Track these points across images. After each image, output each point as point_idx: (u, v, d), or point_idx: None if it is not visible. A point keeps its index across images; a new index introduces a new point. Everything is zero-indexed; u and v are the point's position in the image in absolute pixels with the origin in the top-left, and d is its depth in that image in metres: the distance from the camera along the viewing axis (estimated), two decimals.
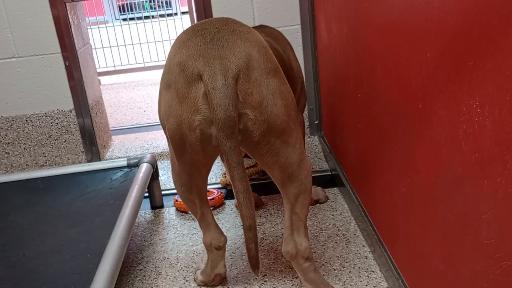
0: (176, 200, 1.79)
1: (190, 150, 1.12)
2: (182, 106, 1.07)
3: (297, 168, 1.14)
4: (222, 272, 1.34)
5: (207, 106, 1.05)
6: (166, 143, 2.35)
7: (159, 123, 2.80)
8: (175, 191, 1.93)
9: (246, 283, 1.33)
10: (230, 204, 1.78)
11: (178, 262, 1.47)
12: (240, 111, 1.04)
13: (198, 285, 1.36)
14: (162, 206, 1.83)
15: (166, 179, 2.05)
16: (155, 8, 5.59)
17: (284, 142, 1.11)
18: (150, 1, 6.02)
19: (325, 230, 1.54)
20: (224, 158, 1.10)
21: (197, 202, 1.27)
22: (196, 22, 1.89)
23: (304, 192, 1.18)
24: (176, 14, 5.04)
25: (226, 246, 1.51)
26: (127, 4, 5.39)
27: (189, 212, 1.75)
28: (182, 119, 1.07)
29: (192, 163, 1.15)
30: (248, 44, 1.08)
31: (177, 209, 1.79)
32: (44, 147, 2.23)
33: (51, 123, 2.21)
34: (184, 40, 1.10)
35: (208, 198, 1.76)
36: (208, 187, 1.88)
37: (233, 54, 1.05)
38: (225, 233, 1.59)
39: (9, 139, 2.22)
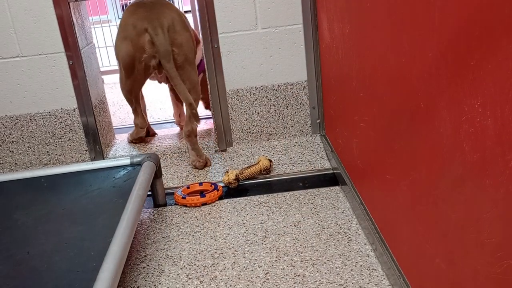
0: (178, 194, 1.81)
1: (135, 73, 2.03)
2: (135, 49, 1.96)
3: (197, 83, 2.07)
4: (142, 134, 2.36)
5: (151, 48, 1.94)
6: (169, 142, 2.37)
7: (162, 121, 2.82)
8: (178, 189, 1.93)
9: (249, 281, 1.34)
10: (232, 202, 1.79)
11: (181, 260, 1.47)
12: (171, 48, 1.94)
13: (129, 143, 2.41)
14: (165, 205, 1.84)
15: (170, 178, 2.05)
16: None
17: (192, 68, 2.03)
18: None
19: (327, 228, 1.55)
20: (168, 75, 1.96)
21: (133, 101, 2.18)
22: (199, 21, 1.99)
23: (198, 98, 2.09)
24: None
25: (228, 245, 1.52)
26: (130, 3, 5.39)
27: (189, 206, 1.76)
28: (135, 56, 1.97)
29: (135, 80, 2.07)
30: (171, 11, 1.99)
31: (176, 203, 1.81)
32: (48, 145, 2.24)
33: (55, 122, 2.21)
34: (132, 10, 1.99)
35: (200, 195, 1.80)
36: (211, 182, 1.88)
37: (164, 17, 1.95)
38: (227, 231, 1.60)
39: (13, 137, 2.23)
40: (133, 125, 2.33)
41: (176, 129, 2.60)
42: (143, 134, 2.37)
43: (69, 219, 1.45)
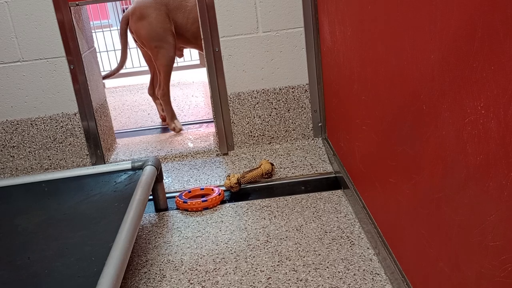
0: (179, 199, 1.81)
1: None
2: None
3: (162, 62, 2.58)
4: None
5: None
6: (170, 145, 2.36)
7: (163, 126, 2.81)
8: (178, 193, 1.93)
9: (251, 286, 1.33)
10: (234, 206, 1.78)
11: (182, 265, 1.47)
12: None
13: None
14: (166, 209, 1.84)
15: (170, 182, 2.05)
16: None
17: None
18: None
19: (330, 232, 1.54)
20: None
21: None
22: (200, 25, 2.01)
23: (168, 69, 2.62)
24: None
25: (230, 250, 1.51)
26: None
27: (190, 210, 1.75)
28: None
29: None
30: (138, 4, 2.50)
31: (177, 208, 1.80)
32: (49, 150, 2.24)
33: (55, 126, 2.21)
34: None
35: (202, 199, 1.79)
36: (212, 186, 1.88)
37: (132, 8, 2.53)
38: (228, 236, 1.59)
39: (14, 142, 2.23)
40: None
41: (177, 133, 2.60)
42: None
43: (70, 224, 1.44)
